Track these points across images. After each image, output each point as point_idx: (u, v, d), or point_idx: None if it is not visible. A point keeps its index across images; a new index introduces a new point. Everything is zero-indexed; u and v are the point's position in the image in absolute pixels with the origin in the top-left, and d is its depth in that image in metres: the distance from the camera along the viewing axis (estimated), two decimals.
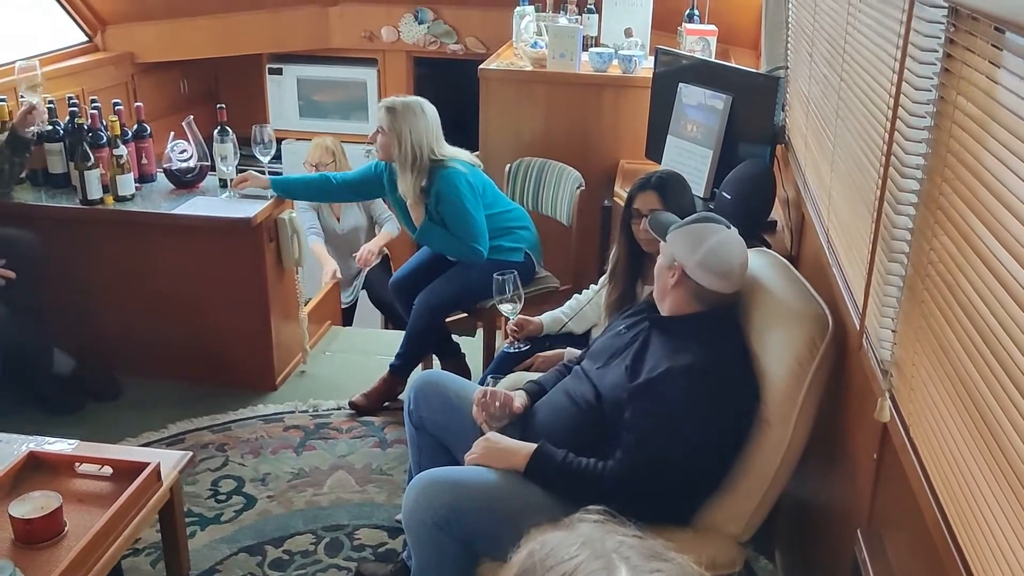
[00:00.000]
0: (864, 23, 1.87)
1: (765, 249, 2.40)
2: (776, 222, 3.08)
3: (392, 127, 3.16)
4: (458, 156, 3.26)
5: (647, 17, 4.18)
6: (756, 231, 2.90)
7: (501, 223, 3.31)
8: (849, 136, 1.98)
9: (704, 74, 3.33)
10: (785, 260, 2.26)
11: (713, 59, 3.72)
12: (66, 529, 2.03)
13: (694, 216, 2.16)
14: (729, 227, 2.12)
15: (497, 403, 2.17)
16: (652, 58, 3.70)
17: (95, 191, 3.32)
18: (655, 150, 3.54)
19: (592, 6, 4.31)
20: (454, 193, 3.17)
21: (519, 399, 2.23)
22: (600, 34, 4.29)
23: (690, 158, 3.28)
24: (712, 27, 3.88)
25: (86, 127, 3.43)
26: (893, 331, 1.60)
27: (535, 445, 2.03)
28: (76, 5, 4.64)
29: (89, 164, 3.28)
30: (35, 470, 2.24)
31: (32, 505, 2.00)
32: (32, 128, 3.31)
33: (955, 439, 1.28)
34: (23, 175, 3.48)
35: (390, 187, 3.32)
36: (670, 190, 2.56)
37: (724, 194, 2.90)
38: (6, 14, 4.39)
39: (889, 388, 1.59)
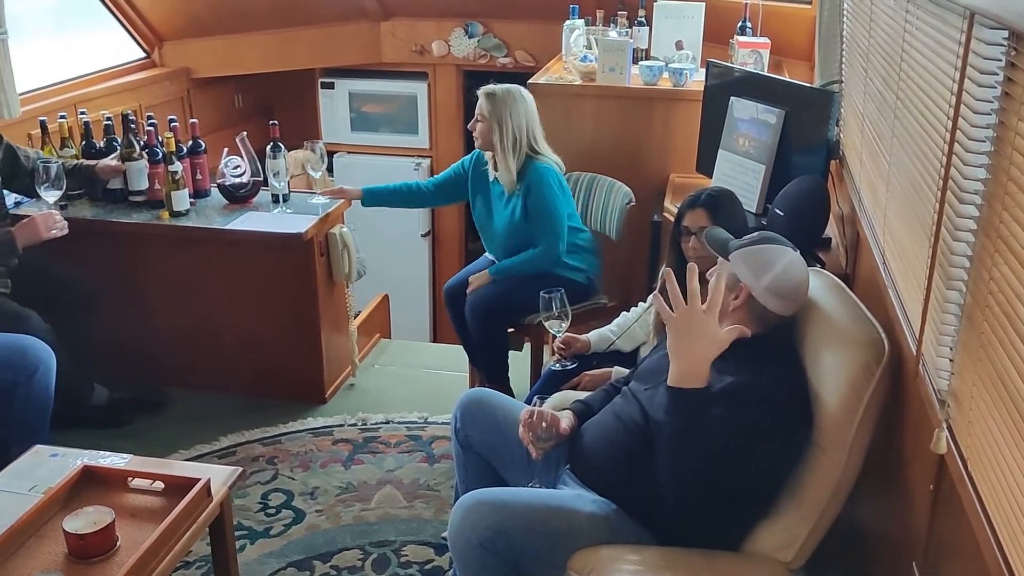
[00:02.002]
0: (921, 41, 1.83)
1: (820, 269, 2.36)
2: (830, 239, 3.03)
3: (492, 113, 3.16)
4: (554, 158, 3.28)
5: (699, 29, 4.14)
6: (810, 249, 2.85)
7: (572, 240, 3.29)
8: (905, 156, 1.94)
9: (756, 87, 3.28)
10: (839, 281, 2.21)
11: (766, 72, 3.68)
12: (118, 544, 2.05)
13: (755, 236, 2.11)
14: (793, 248, 2.08)
15: (543, 423, 2.16)
16: (703, 71, 3.66)
17: (138, 182, 3.44)
18: (706, 164, 3.50)
19: (643, 19, 4.29)
20: (545, 186, 3.17)
21: (566, 420, 2.21)
22: (651, 47, 4.26)
23: (742, 173, 3.23)
24: (765, 39, 3.83)
25: (142, 143, 3.50)
26: (951, 360, 1.55)
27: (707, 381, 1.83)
28: (134, 22, 4.75)
29: (134, 155, 3.39)
30: (89, 484, 2.27)
31: (85, 520, 2.03)
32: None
33: (1015, 475, 1.24)
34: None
35: (473, 187, 3.32)
36: (721, 208, 2.53)
37: (777, 210, 2.85)
38: (69, 32, 4.52)
39: (946, 418, 1.54)
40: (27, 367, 2.72)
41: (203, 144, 3.61)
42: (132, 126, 3.51)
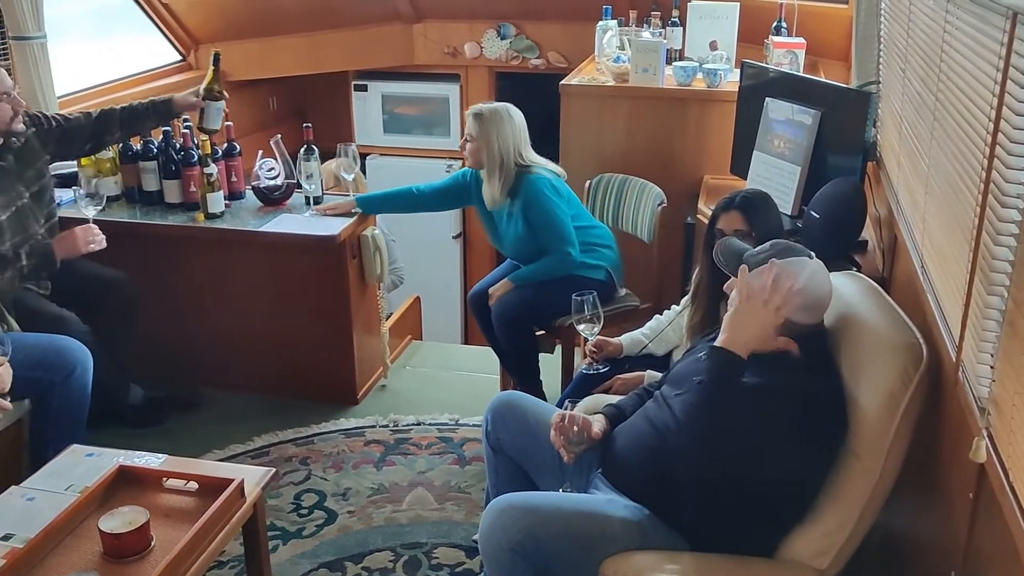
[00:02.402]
0: (961, 42, 1.80)
1: (855, 273, 2.32)
2: (867, 242, 2.99)
3: (480, 133, 3.18)
4: (545, 165, 3.27)
5: (733, 30, 4.11)
6: (846, 251, 2.82)
7: (584, 239, 3.29)
8: (945, 159, 1.90)
9: (792, 88, 3.25)
10: (876, 285, 2.17)
11: (801, 73, 3.64)
12: (153, 544, 2.07)
13: (770, 247, 2.04)
14: (811, 255, 2.04)
15: (575, 427, 2.15)
16: (738, 72, 3.63)
17: (215, 121, 3.45)
18: (741, 166, 3.47)
19: (676, 19, 4.26)
20: (540, 196, 3.17)
21: (598, 424, 2.19)
22: (684, 47, 4.23)
23: (777, 174, 3.20)
24: (800, 40, 3.79)
25: (178, 146, 3.53)
26: (992, 367, 1.52)
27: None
28: (171, 26, 4.80)
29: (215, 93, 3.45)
30: (124, 483, 2.30)
31: (121, 520, 2.05)
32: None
33: None
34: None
35: (478, 197, 3.33)
36: (756, 211, 2.50)
37: (812, 213, 2.82)
38: (107, 36, 4.58)
39: (986, 427, 1.51)
40: (64, 367, 2.76)
41: (238, 147, 3.65)
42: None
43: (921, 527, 2.07)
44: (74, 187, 3.30)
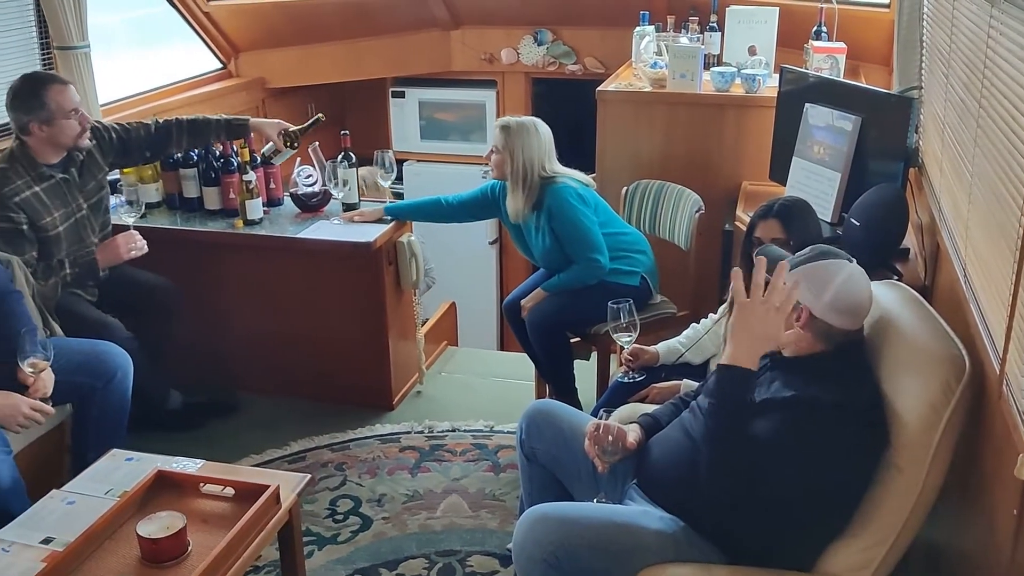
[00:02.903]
0: (1006, 47, 1.76)
1: (896, 282, 2.28)
2: (908, 250, 2.93)
3: (506, 145, 3.18)
4: (570, 174, 3.26)
5: (772, 34, 4.07)
6: (887, 260, 2.77)
7: (616, 245, 3.27)
8: (988, 166, 1.86)
9: (832, 93, 3.21)
10: (917, 294, 2.13)
11: (841, 78, 3.59)
12: (189, 549, 2.09)
13: (810, 252, 2.03)
14: (851, 260, 2.01)
15: (610, 437, 2.13)
16: (777, 77, 3.59)
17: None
18: (780, 172, 3.44)
19: (715, 24, 4.23)
20: (565, 205, 3.16)
21: (633, 433, 2.18)
22: (723, 52, 4.20)
23: (817, 181, 3.16)
24: (841, 44, 3.74)
25: (218, 153, 3.58)
26: None
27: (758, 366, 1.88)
28: (212, 34, 4.86)
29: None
30: (162, 488, 2.32)
31: (158, 525, 2.07)
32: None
33: None
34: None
35: (505, 209, 3.33)
36: (794, 218, 2.47)
37: (853, 220, 2.78)
38: (150, 45, 4.65)
39: None
40: (105, 372, 2.80)
41: None
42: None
43: (964, 542, 2.03)
44: (116, 194, 3.35)
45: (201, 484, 2.33)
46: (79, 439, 2.84)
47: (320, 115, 3.63)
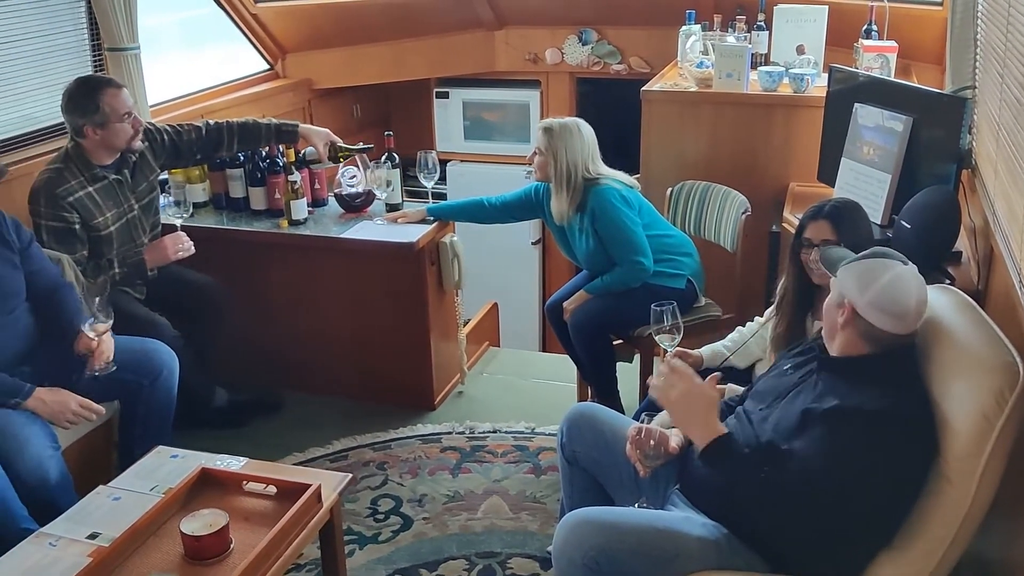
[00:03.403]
0: None
1: (948, 286, 2.22)
2: (960, 253, 2.86)
3: (549, 147, 3.17)
4: (614, 176, 3.23)
5: (821, 33, 4.00)
6: (939, 263, 2.71)
7: (661, 247, 3.24)
8: None
9: (882, 93, 3.15)
10: (970, 299, 2.08)
11: (892, 77, 3.52)
12: (232, 547, 2.11)
13: (868, 251, 2.02)
14: (906, 262, 1.97)
15: (652, 441, 2.11)
16: (825, 76, 3.53)
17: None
18: (828, 173, 3.38)
19: (762, 23, 4.17)
20: (608, 207, 3.14)
21: (675, 438, 2.15)
22: (770, 52, 4.14)
23: (866, 182, 3.10)
24: (892, 43, 3.67)
25: (264, 154, 3.61)
26: None
27: (725, 429, 1.97)
28: (260, 36, 4.91)
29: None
30: (206, 485, 2.35)
31: (201, 522, 2.09)
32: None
33: None
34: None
35: (548, 211, 3.32)
36: (845, 220, 2.42)
37: (903, 223, 2.72)
38: (198, 46, 4.71)
39: None
40: (152, 371, 2.84)
41: None
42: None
43: (1016, 556, 1.97)
44: (163, 193, 3.39)
45: (244, 482, 2.35)
46: (126, 435, 2.89)
47: (370, 145, 3.64)
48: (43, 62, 3.60)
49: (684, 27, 4.18)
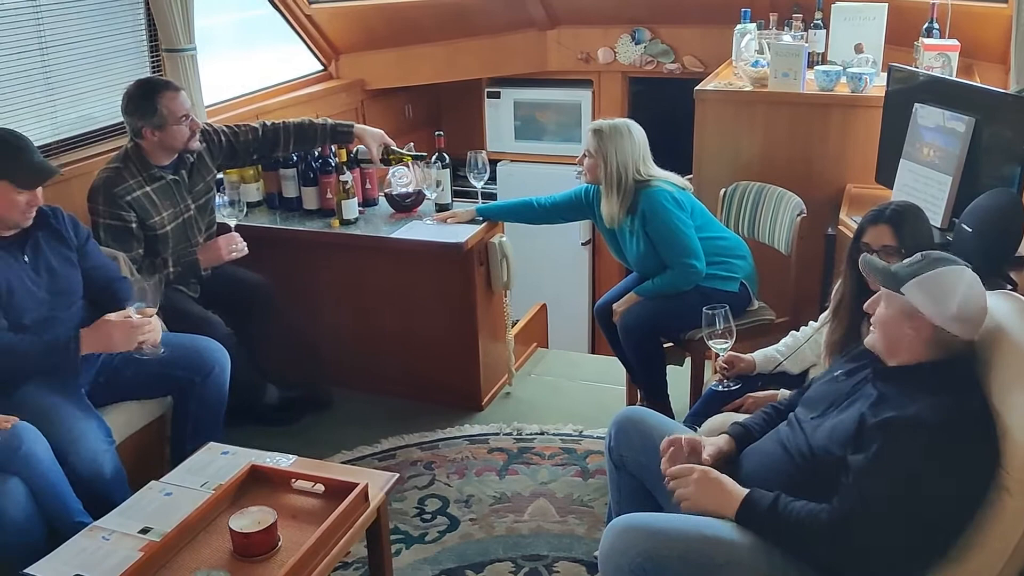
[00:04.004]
0: None
1: (1011, 292, 2.15)
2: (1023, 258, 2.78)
3: (598, 149, 3.14)
4: (666, 177, 3.19)
5: (880, 32, 3.91)
6: (1000, 268, 2.62)
7: (714, 250, 3.20)
8: None
9: (943, 93, 3.07)
10: None
11: (954, 77, 3.43)
12: (279, 544, 2.13)
13: (921, 259, 1.93)
14: (962, 263, 1.91)
15: (686, 452, 2.08)
16: (884, 76, 3.45)
17: None
18: (886, 175, 3.30)
19: (819, 21, 4.09)
20: (659, 209, 3.10)
21: (712, 446, 2.11)
22: (827, 50, 4.06)
23: (925, 185, 3.02)
24: (954, 41, 3.57)
25: (316, 154, 3.64)
26: None
27: (743, 492, 1.94)
28: (314, 36, 4.96)
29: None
30: (255, 482, 2.37)
31: (250, 519, 2.11)
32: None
33: None
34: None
35: (598, 212, 3.29)
36: (906, 224, 2.36)
37: (964, 226, 2.65)
38: (253, 47, 4.77)
39: None
40: (203, 368, 2.87)
41: None
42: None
43: None
44: (218, 193, 3.44)
45: (292, 480, 2.37)
46: (178, 431, 2.93)
47: (423, 153, 3.64)
48: (103, 63, 3.67)
49: (739, 26, 4.12)
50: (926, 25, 3.71)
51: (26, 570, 2.07)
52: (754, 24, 4.13)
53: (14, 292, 2.57)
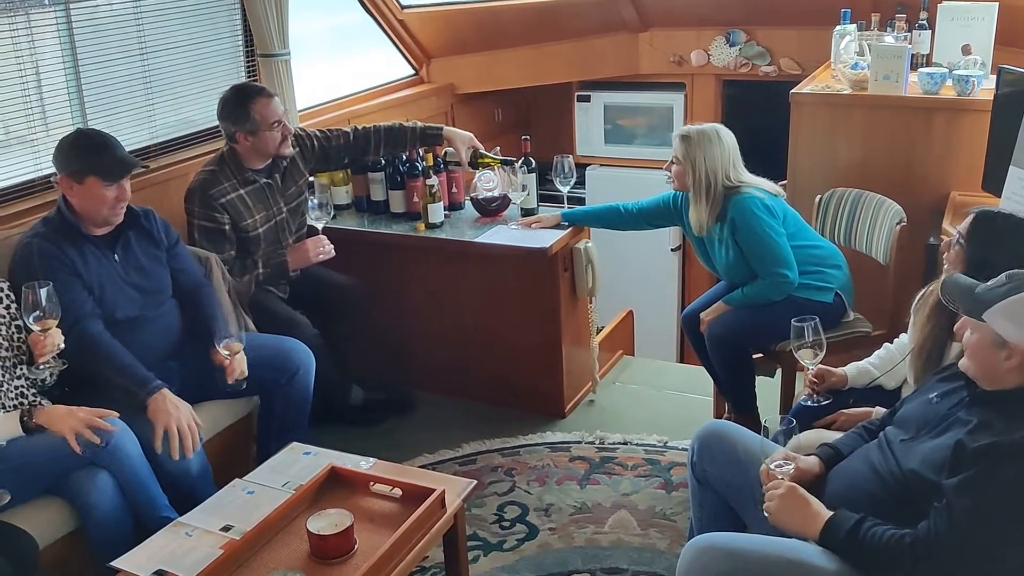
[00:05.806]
0: None
1: None
2: None
3: (686, 155, 3.06)
4: (757, 184, 3.09)
5: (990, 32, 3.72)
6: None
7: (808, 259, 3.08)
8: None
9: None
10: None
11: None
12: (356, 547, 2.13)
13: (1005, 281, 1.79)
14: None
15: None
16: (994, 78, 3.28)
17: None
18: (994, 182, 3.14)
19: (924, 21, 3.92)
20: (750, 217, 3.01)
21: (802, 462, 2.03)
22: (932, 52, 3.88)
23: None
24: None
25: (404, 157, 3.66)
26: None
27: (827, 514, 1.86)
28: (405, 41, 5.00)
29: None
30: (334, 484, 2.39)
31: (327, 521, 2.12)
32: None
33: None
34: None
35: (687, 219, 3.21)
36: (991, 232, 2.22)
37: None
38: (346, 52, 4.85)
39: None
40: (289, 368, 2.91)
41: None
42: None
43: None
44: (308, 195, 3.48)
45: (371, 483, 2.38)
46: (263, 430, 2.98)
47: (511, 158, 3.63)
48: (201, 67, 3.77)
49: (838, 27, 3.98)
50: None
51: (112, 563, 2.13)
52: (854, 25, 3.99)
53: (106, 289, 2.65)
